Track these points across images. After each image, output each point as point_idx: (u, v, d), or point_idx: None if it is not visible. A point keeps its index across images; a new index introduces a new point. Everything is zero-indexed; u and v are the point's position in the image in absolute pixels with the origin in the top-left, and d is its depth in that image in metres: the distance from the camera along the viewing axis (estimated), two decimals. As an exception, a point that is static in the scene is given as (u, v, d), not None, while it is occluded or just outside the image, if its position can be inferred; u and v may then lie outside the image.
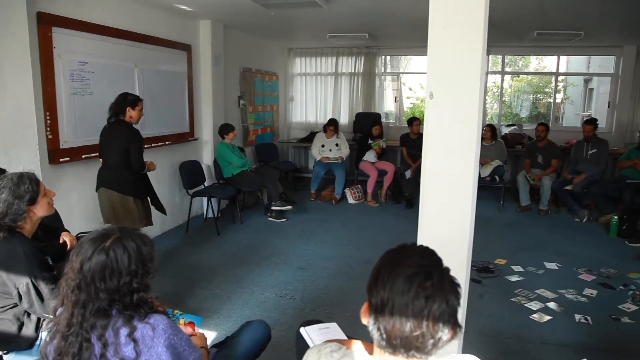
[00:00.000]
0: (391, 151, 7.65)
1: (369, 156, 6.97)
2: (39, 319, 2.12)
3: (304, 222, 5.88)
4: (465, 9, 2.09)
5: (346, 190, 6.87)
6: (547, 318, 3.47)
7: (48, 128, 3.85)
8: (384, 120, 8.67)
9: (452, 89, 2.15)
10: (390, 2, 4.98)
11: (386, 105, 9.54)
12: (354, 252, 4.80)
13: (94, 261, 1.37)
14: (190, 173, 5.58)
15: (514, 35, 7.10)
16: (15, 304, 2.03)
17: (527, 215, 6.39)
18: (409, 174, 6.81)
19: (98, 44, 4.29)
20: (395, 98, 9.05)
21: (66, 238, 2.42)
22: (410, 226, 2.73)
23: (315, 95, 8.91)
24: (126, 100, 3.70)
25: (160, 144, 5.25)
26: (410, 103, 11.42)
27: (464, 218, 2.22)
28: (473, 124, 2.14)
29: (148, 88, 4.94)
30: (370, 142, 6.93)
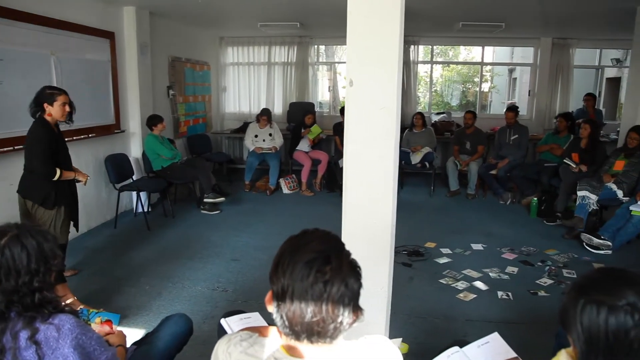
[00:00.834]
0: (325, 140, 7.69)
1: (303, 145, 6.98)
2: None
3: (237, 214, 5.80)
4: (382, -1, 2.12)
5: (281, 181, 6.85)
6: (472, 296, 3.63)
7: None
8: (318, 109, 8.71)
9: (371, 77, 2.18)
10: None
11: (321, 94, 9.58)
12: (289, 242, 4.80)
13: None
14: (117, 166, 5.34)
15: (440, 26, 7.34)
16: None
17: (456, 199, 6.65)
18: (342, 162, 6.86)
19: (7, 29, 3.98)
20: (329, 87, 9.09)
21: None
22: (344, 214, 2.75)
23: (249, 85, 8.78)
24: (43, 94, 3.25)
25: (82, 136, 4.98)
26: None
27: (387, 203, 2.26)
28: (392, 111, 2.18)
29: (67, 78, 4.65)
30: (304, 132, 6.93)
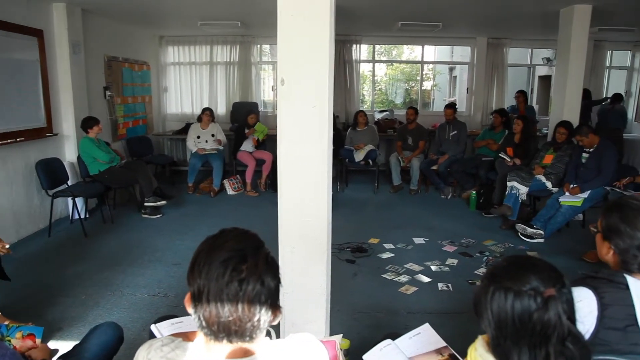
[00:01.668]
0: (270, 140, 7.65)
1: (247, 146, 6.91)
2: None
3: (180, 217, 5.67)
4: (311, -2, 2.13)
5: (225, 182, 6.76)
6: (414, 289, 3.72)
7: None
8: (262, 109, 8.65)
9: (302, 76, 2.19)
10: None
11: (265, 94, 9.53)
12: (233, 243, 4.73)
13: None
14: (50, 172, 5.08)
15: (381, 26, 7.47)
16: None
17: (400, 195, 6.80)
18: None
19: None
20: (273, 87, 9.06)
21: None
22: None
23: (191, 86, 8.60)
24: None
25: (10, 140, 4.72)
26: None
27: (322, 201, 2.27)
28: (324, 110, 2.19)
29: (-10, 78, 4.40)
30: (247, 132, 6.86)
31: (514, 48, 8.85)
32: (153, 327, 1.74)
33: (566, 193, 4.92)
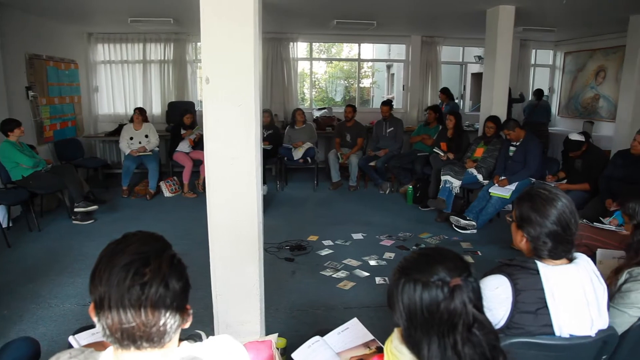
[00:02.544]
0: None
1: (183, 146, 6.74)
2: None
3: (114, 222, 5.45)
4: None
5: (161, 184, 6.55)
6: (352, 285, 3.77)
7: None
8: (199, 108, 8.47)
9: (228, 75, 2.16)
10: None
11: (202, 93, 9.32)
12: (169, 247, 4.59)
13: None
14: (-34, 179, 4.75)
15: (317, 24, 7.51)
16: None
17: (339, 191, 6.87)
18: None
19: None
20: (210, 86, 8.87)
21: None
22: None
23: (123, 85, 8.27)
24: None
25: None
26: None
27: (250, 200, 2.25)
28: (250, 108, 2.17)
29: None
30: (183, 133, 6.70)
31: (446, 46, 9.15)
32: (71, 339, 1.65)
33: (496, 185, 5.16)
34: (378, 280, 3.86)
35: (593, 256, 2.43)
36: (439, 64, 8.90)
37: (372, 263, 4.21)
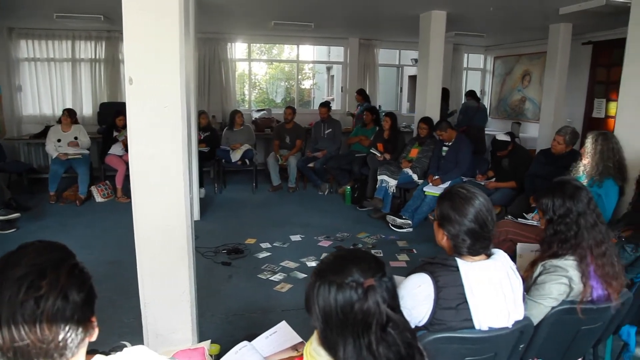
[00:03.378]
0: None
1: (116, 149, 6.46)
2: None
3: (39, 230, 5.12)
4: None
5: (92, 188, 6.24)
6: (289, 287, 3.75)
7: None
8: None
9: (152, 74, 2.09)
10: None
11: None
12: (98, 254, 4.36)
13: None
14: None
15: (255, 25, 7.47)
16: None
17: (279, 193, 6.85)
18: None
19: None
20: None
21: None
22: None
23: (50, 84, 7.80)
24: None
25: None
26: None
27: (179, 203, 2.20)
28: (177, 109, 2.12)
29: None
30: (116, 135, 6.43)
31: (383, 49, 9.35)
32: None
33: (430, 184, 5.32)
34: (316, 281, 3.87)
35: (516, 250, 2.57)
36: (376, 66, 9.08)
37: (310, 264, 4.22)
